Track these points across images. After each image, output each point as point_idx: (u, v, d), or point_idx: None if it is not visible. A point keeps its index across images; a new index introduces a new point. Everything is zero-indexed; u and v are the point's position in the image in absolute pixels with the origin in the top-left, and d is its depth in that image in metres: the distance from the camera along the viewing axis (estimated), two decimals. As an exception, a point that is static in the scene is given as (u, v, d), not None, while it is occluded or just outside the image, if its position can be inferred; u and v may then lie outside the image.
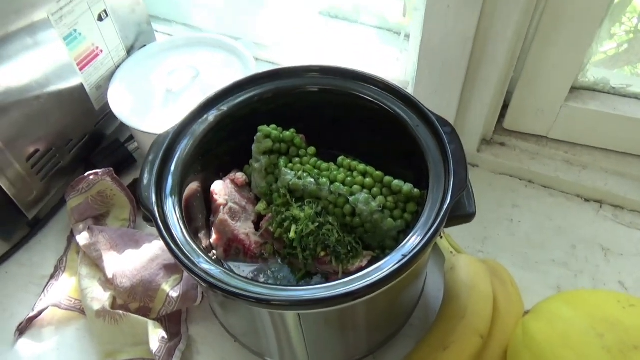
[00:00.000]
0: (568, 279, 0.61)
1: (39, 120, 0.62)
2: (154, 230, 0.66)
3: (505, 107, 0.70)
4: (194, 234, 0.47)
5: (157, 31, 0.79)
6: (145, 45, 0.74)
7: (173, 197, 0.46)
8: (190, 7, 0.88)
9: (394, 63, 0.78)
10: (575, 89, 0.66)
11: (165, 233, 0.43)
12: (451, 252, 0.59)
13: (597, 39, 0.60)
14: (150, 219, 0.47)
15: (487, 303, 0.51)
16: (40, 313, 0.60)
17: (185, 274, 0.58)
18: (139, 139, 0.70)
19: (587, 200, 0.68)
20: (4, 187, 0.60)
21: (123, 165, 0.72)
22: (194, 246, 0.44)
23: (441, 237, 0.62)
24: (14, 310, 0.62)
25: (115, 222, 0.67)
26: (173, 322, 0.59)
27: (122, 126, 0.75)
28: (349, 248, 0.49)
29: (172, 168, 0.48)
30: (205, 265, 0.42)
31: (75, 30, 0.63)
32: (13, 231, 0.66)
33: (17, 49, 0.57)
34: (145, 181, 0.46)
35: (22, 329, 0.60)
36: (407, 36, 0.76)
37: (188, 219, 0.48)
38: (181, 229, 0.45)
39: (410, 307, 0.56)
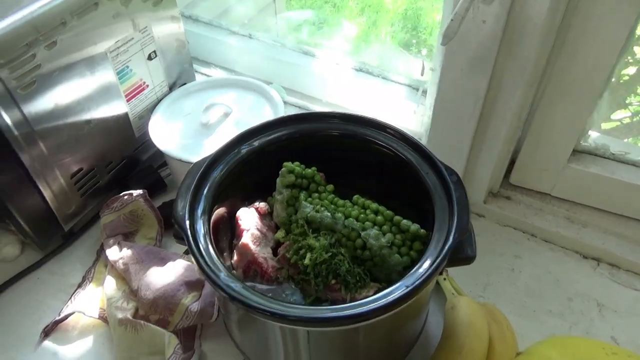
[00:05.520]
0: (562, 330, 0.64)
1: (86, 142, 0.69)
2: (178, 249, 0.72)
3: (512, 163, 0.75)
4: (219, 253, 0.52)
5: (197, 71, 0.86)
6: (185, 83, 0.82)
7: (204, 217, 0.52)
8: (228, 52, 0.97)
9: (411, 115, 0.84)
10: (578, 152, 0.71)
11: (195, 248, 0.48)
12: (453, 294, 0.63)
13: (598, 108, 0.66)
14: (180, 236, 0.52)
15: (483, 342, 0.54)
16: (66, 317, 0.65)
17: (205, 291, 0.63)
18: (172, 166, 0.76)
19: (585, 257, 0.72)
20: (48, 200, 0.66)
21: (154, 188, 0.78)
22: (219, 262, 0.48)
23: (445, 279, 0.66)
24: (41, 314, 0.67)
25: (142, 240, 0.73)
26: (187, 337, 0.63)
27: (156, 154, 0.82)
28: (358, 278, 0.53)
29: (205, 192, 0.54)
30: (228, 280, 0.47)
31: (127, 67, 0.70)
32: (49, 241, 0.72)
33: (76, 78, 0.64)
34: (180, 201, 0.52)
35: (48, 331, 0.65)
36: (425, 92, 0.83)
37: (214, 240, 0.53)
38: (208, 246, 0.50)
39: (411, 341, 0.60)
